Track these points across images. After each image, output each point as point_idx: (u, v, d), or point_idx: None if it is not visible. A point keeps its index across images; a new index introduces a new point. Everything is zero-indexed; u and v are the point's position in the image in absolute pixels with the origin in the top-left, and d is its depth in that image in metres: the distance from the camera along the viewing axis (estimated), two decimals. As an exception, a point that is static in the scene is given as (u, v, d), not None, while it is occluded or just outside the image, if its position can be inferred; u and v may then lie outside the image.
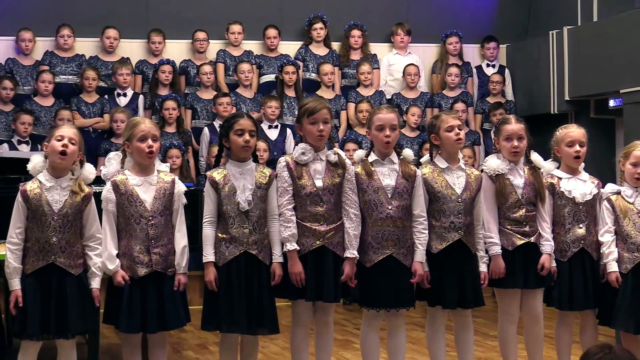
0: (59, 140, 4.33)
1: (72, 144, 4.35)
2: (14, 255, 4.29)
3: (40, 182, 4.34)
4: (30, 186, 4.33)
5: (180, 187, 4.59)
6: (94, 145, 8.23)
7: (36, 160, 4.42)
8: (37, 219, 4.29)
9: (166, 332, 4.61)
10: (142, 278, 4.42)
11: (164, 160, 7.87)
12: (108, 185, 4.49)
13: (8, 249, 4.31)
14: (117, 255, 4.42)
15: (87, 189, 4.43)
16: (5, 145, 7.89)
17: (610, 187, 5.00)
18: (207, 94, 8.75)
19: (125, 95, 8.60)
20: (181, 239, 4.53)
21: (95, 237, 4.43)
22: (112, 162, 4.59)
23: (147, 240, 4.43)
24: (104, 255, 4.42)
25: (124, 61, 8.72)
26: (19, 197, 4.32)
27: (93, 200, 4.43)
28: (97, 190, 4.60)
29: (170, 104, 8.32)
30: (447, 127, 4.79)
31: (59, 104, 8.40)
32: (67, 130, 4.40)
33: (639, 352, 4.44)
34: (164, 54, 8.95)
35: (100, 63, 8.80)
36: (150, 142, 4.48)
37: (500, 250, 4.83)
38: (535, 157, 5.02)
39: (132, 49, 9.05)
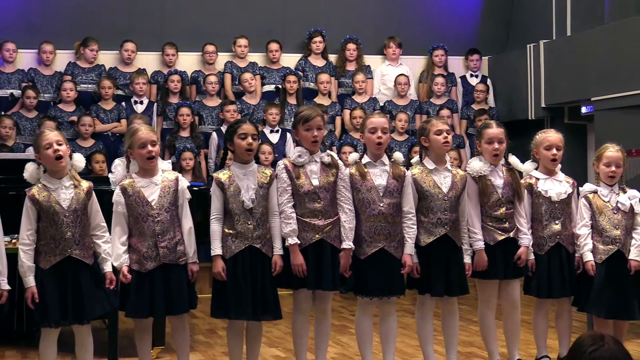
0: (48, 148, 4.23)
1: (60, 145, 4.25)
2: (27, 255, 4.22)
3: (44, 185, 4.26)
4: (37, 190, 4.25)
5: (184, 183, 4.53)
6: (113, 148, 8.24)
7: (31, 169, 4.32)
8: (50, 219, 4.22)
9: (185, 317, 4.58)
10: (150, 271, 4.38)
11: (177, 162, 7.87)
12: (117, 190, 4.44)
13: (21, 250, 4.23)
14: (127, 251, 4.38)
15: (86, 183, 4.36)
16: (31, 148, 7.85)
17: (588, 187, 4.99)
18: (212, 102, 8.75)
19: (142, 103, 8.59)
20: (186, 224, 4.47)
21: (100, 226, 4.38)
22: (118, 168, 4.61)
23: (154, 236, 4.39)
24: (112, 252, 4.37)
25: (141, 72, 8.72)
26: (27, 202, 4.23)
27: (94, 193, 4.38)
28: (110, 190, 4.59)
29: (185, 110, 8.34)
30: (436, 131, 4.77)
31: (80, 110, 8.40)
32: (50, 136, 4.27)
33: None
34: (176, 66, 8.94)
35: (118, 73, 8.81)
36: (149, 147, 4.41)
37: (484, 245, 4.80)
38: (513, 159, 5.00)
39: (148, 61, 9.04)
